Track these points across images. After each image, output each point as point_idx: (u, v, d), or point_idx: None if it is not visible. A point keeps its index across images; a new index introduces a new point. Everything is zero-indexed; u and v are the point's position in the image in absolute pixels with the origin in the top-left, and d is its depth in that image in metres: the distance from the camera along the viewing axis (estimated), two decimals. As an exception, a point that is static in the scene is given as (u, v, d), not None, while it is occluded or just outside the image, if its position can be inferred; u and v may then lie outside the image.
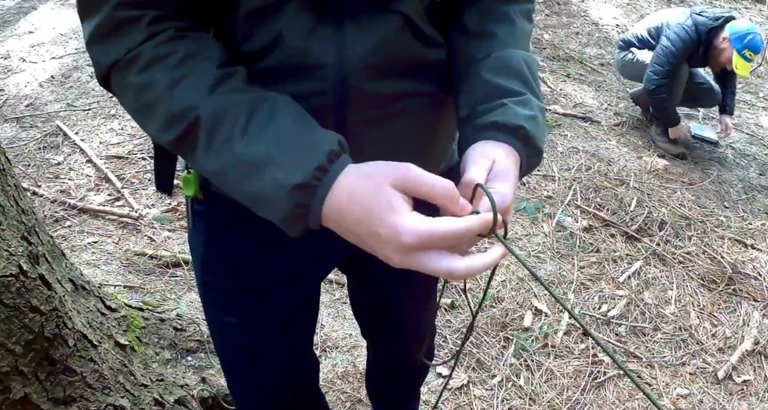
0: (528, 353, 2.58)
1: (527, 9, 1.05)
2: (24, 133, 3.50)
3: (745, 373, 2.74)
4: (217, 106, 0.80)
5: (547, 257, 3.15)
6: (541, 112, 0.93)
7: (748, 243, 3.59)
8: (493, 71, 0.94)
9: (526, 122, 0.89)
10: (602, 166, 3.99)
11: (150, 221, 2.92)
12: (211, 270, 1.18)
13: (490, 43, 0.98)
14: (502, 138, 0.88)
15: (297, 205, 0.77)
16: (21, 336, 1.35)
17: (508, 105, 0.90)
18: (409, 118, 1.01)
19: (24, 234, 1.46)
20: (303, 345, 1.37)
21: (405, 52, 0.94)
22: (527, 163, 0.91)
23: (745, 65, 4.08)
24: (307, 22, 0.87)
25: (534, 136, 0.90)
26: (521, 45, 0.99)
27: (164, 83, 0.81)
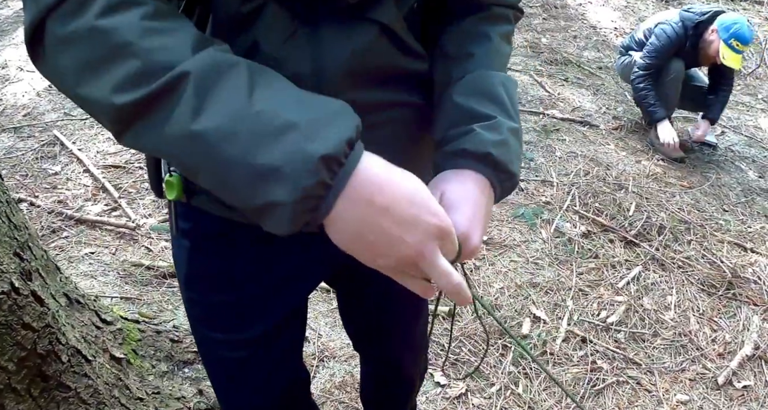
0: (526, 361, 2.57)
1: (506, 31, 1.04)
2: (21, 143, 3.50)
3: (745, 379, 2.73)
4: (208, 62, 0.68)
5: (545, 263, 3.14)
6: (513, 134, 0.92)
7: (748, 247, 3.58)
8: (464, 94, 0.94)
9: (494, 148, 0.88)
10: (601, 170, 3.98)
11: (147, 231, 2.92)
12: (195, 285, 1.16)
13: (465, 65, 0.97)
14: (470, 165, 0.89)
15: (318, 183, 0.67)
16: (13, 354, 1.34)
17: (477, 131, 0.90)
18: (392, 129, 1.00)
19: (16, 250, 1.46)
20: (291, 358, 1.35)
21: (383, 61, 0.93)
22: (500, 187, 0.91)
23: (734, 56, 4.06)
24: (283, 31, 0.85)
25: (503, 161, 0.89)
26: (497, 66, 0.99)
27: (134, 32, 0.68)
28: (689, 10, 4.28)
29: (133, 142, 0.72)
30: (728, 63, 4.07)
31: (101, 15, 0.67)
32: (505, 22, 1.04)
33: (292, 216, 0.68)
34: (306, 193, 0.66)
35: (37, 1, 0.69)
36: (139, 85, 0.67)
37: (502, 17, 1.04)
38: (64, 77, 0.72)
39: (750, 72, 5.91)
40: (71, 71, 0.70)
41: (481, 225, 0.87)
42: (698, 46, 4.22)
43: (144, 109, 0.68)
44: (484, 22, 1.02)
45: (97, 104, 0.70)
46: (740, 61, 4.13)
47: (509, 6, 1.05)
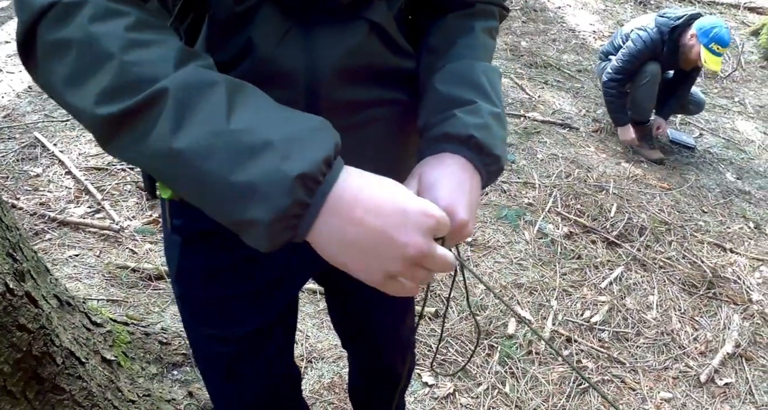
0: (513, 360, 2.59)
1: (490, 26, 1.06)
2: (2, 145, 3.46)
3: (726, 376, 2.78)
4: (190, 77, 0.68)
5: (529, 264, 3.16)
6: (494, 118, 0.93)
7: (727, 247, 3.64)
8: (444, 82, 0.95)
9: (477, 131, 0.89)
10: (582, 172, 4.02)
11: (131, 233, 2.90)
12: (187, 281, 1.16)
13: (448, 55, 0.99)
14: (453, 149, 0.89)
15: (295, 203, 0.67)
16: (9, 355, 1.33)
17: (457, 115, 0.90)
18: (382, 126, 1.02)
19: (9, 250, 1.45)
20: (283, 355, 1.36)
21: (374, 60, 0.95)
22: (486, 171, 0.92)
23: (715, 59, 4.13)
24: (276, 30, 0.86)
25: (487, 144, 0.90)
26: (480, 56, 1.00)
27: (117, 43, 0.68)
28: (664, 14, 4.34)
29: (117, 153, 0.73)
30: (710, 66, 4.14)
31: (88, 23, 0.68)
32: (490, 17, 1.06)
33: (270, 234, 0.68)
34: (283, 212, 0.66)
35: (29, 5, 0.70)
36: (120, 98, 0.67)
37: (487, 13, 1.06)
38: (53, 84, 0.72)
39: (727, 75, 6.00)
40: (59, 78, 0.70)
41: (466, 200, 0.86)
42: (677, 50, 4.28)
43: (125, 122, 0.68)
44: (468, 17, 1.03)
45: (83, 113, 0.70)
46: (720, 63, 4.20)
47: (494, 3, 1.07)
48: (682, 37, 4.23)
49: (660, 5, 7.05)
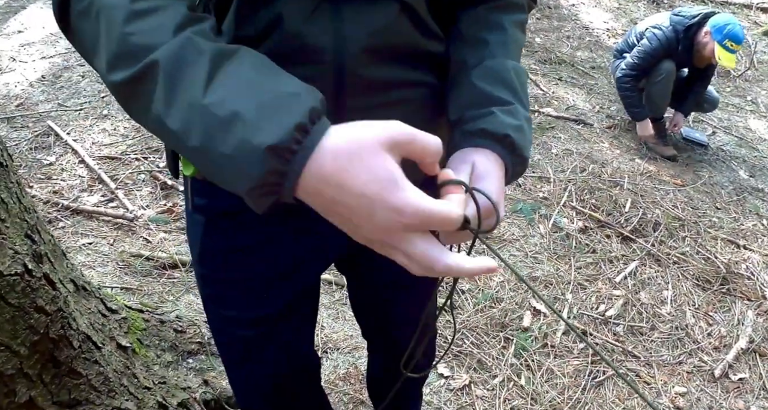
0: (528, 353, 2.57)
1: (520, 19, 1.06)
2: (15, 134, 3.46)
3: (740, 371, 2.76)
4: (179, 49, 0.69)
5: (544, 258, 3.15)
6: (527, 122, 0.94)
7: (741, 244, 3.61)
8: (483, 79, 0.96)
9: (513, 131, 0.90)
10: (596, 167, 4.00)
11: (145, 222, 2.89)
12: (209, 261, 1.16)
13: (481, 51, 0.99)
14: (488, 145, 0.90)
15: (270, 172, 0.65)
16: (26, 338, 1.32)
17: (496, 113, 0.92)
18: (409, 108, 1.01)
19: (27, 232, 1.44)
20: (301, 341, 1.36)
21: (403, 40, 0.95)
22: (513, 170, 0.92)
23: (729, 56, 4.11)
24: (306, 6, 0.86)
25: (519, 145, 0.91)
26: (512, 54, 1.01)
27: (121, 14, 0.70)
28: (679, 13, 4.32)
29: (135, 119, 0.76)
30: (724, 63, 4.11)
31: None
32: (519, 10, 1.06)
33: (253, 201, 0.68)
34: (257, 182, 0.65)
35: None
36: (123, 66, 0.70)
37: (516, 6, 1.06)
38: (82, 50, 0.77)
39: (739, 74, 5.95)
40: (86, 44, 0.76)
41: (503, 203, 0.89)
42: (692, 48, 4.25)
43: (131, 89, 0.71)
44: (499, 11, 1.03)
45: (103, 78, 0.74)
46: (734, 60, 4.17)
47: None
48: (697, 35, 4.21)
49: (673, 4, 7.00)
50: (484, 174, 0.86)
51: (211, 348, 2.11)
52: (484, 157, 0.89)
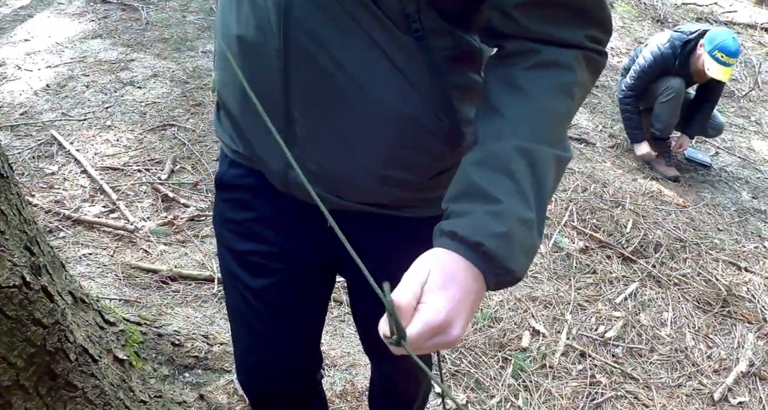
0: (526, 373, 2.56)
1: (561, 82, 0.87)
2: (18, 142, 3.46)
3: (740, 395, 2.74)
4: None
5: (544, 278, 3.14)
6: (521, 224, 0.80)
7: (742, 266, 3.60)
8: (478, 165, 0.84)
9: (490, 240, 0.78)
10: (598, 187, 4.00)
11: (146, 234, 2.89)
12: (217, 224, 1.30)
13: (494, 125, 0.86)
14: (459, 250, 0.78)
15: None
16: (23, 350, 1.32)
17: (475, 214, 0.80)
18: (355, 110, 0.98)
19: (26, 244, 1.43)
20: (308, 329, 1.39)
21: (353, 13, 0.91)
22: (496, 280, 0.80)
23: (720, 69, 4.08)
24: None
25: (498, 255, 0.78)
26: (537, 131, 0.84)
27: None
28: (679, 29, 4.35)
29: None
30: (714, 75, 4.09)
31: None
32: (562, 68, 0.87)
33: None
34: None
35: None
36: None
37: (557, 63, 0.87)
38: None
39: (744, 95, 5.96)
40: None
41: (465, 315, 0.77)
42: (689, 63, 4.26)
43: None
44: (532, 72, 0.87)
45: None
46: (728, 73, 4.14)
47: (573, 45, 0.88)
48: (694, 49, 4.22)
49: (677, 24, 7.03)
50: (439, 284, 0.76)
51: (208, 363, 2.10)
52: (447, 263, 0.78)
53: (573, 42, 0.87)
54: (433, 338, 0.75)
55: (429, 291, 0.76)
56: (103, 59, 4.43)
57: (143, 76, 4.24)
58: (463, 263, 0.78)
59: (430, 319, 0.74)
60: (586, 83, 0.90)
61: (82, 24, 4.92)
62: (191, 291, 2.60)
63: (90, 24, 4.93)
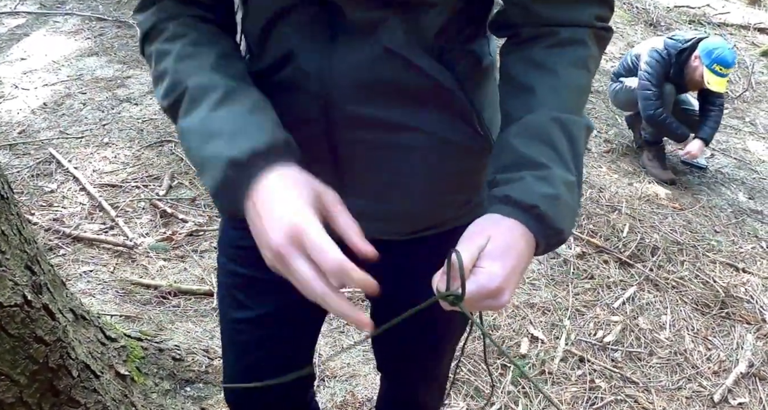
0: (526, 380, 2.57)
1: (578, 57, 0.94)
2: (17, 161, 3.49)
3: (740, 396, 2.75)
4: (205, 80, 0.90)
5: (541, 284, 3.16)
6: (567, 187, 0.85)
7: (740, 267, 3.62)
8: (519, 137, 0.89)
9: (542, 201, 0.82)
10: (594, 192, 4.02)
11: (145, 250, 2.91)
12: (223, 250, 1.26)
13: (528, 101, 0.91)
14: (511, 214, 0.83)
15: (227, 178, 0.82)
16: (26, 367, 1.34)
17: (526, 179, 0.84)
18: (405, 153, 1.01)
19: (27, 263, 1.46)
20: (301, 345, 1.36)
21: (389, 79, 0.94)
22: (545, 243, 0.85)
23: (718, 80, 4.13)
24: (300, 38, 0.95)
25: (551, 216, 0.83)
26: (565, 103, 0.90)
27: (175, 54, 0.93)
28: (673, 37, 4.37)
29: None
30: (713, 87, 4.15)
31: (164, 41, 0.95)
32: (578, 45, 0.94)
33: (219, 199, 0.86)
34: (219, 182, 0.83)
35: (140, 26, 1.00)
36: (169, 95, 0.92)
37: (574, 41, 0.94)
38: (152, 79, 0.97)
39: (738, 96, 6.00)
40: (153, 77, 0.97)
41: (516, 282, 0.82)
42: (684, 72, 4.30)
43: (173, 109, 0.93)
44: (552, 51, 0.93)
45: (159, 101, 0.95)
46: (725, 84, 4.20)
47: (583, 25, 0.95)
48: (689, 59, 4.26)
49: (670, 27, 7.07)
50: (497, 253, 0.80)
51: (209, 377, 2.11)
52: (506, 231, 0.82)
53: (584, 22, 0.94)
54: (484, 301, 0.80)
55: (487, 257, 0.80)
56: (99, 76, 4.46)
57: (140, 93, 4.28)
58: (520, 231, 0.82)
59: (486, 285, 0.78)
60: (597, 57, 0.97)
61: (78, 42, 4.96)
62: (191, 306, 2.62)
63: (86, 42, 4.97)
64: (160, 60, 0.95)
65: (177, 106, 0.91)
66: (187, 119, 0.89)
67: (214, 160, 0.83)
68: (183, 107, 0.90)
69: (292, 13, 0.93)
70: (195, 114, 0.88)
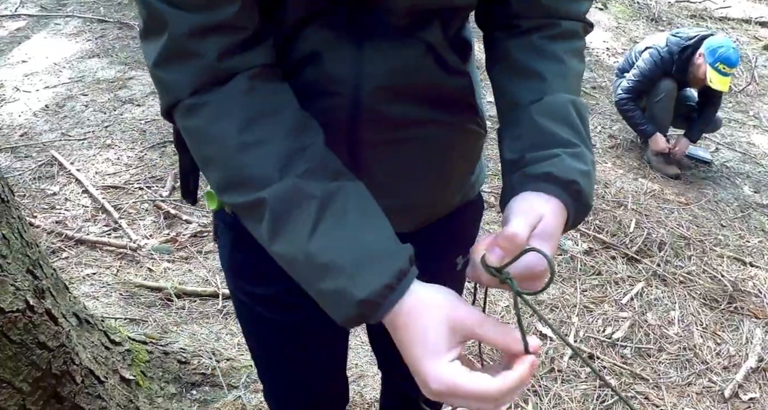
0: (535, 378, 2.55)
1: (578, 47, 1.00)
2: (19, 163, 3.47)
3: (751, 391, 2.73)
4: (286, 193, 0.79)
5: (549, 280, 3.13)
6: (593, 167, 0.90)
7: (747, 261, 3.60)
8: (545, 117, 0.90)
9: (580, 177, 0.85)
10: (599, 188, 4.00)
11: (149, 252, 2.89)
12: (239, 274, 1.21)
13: (539, 85, 0.94)
14: (553, 191, 0.85)
15: (360, 315, 0.77)
16: (28, 374, 1.32)
17: (562, 156, 0.86)
18: (424, 145, 1.02)
19: (29, 267, 1.44)
20: (333, 361, 1.38)
21: (425, 79, 0.95)
22: (574, 218, 0.88)
23: (722, 79, 4.12)
24: (329, 42, 0.89)
25: (586, 193, 0.86)
26: (572, 88, 0.95)
27: (232, 143, 0.80)
28: (677, 34, 4.35)
29: None
30: (716, 86, 4.14)
31: (209, 121, 0.81)
32: (576, 37, 1.00)
33: (346, 324, 0.80)
34: (348, 319, 0.78)
35: (164, 96, 0.83)
36: (234, 191, 0.82)
37: (572, 33, 1.00)
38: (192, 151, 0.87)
39: (741, 89, 5.97)
40: (193, 152, 0.87)
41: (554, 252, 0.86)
42: (687, 69, 4.28)
43: (243, 212, 0.83)
44: (556, 41, 0.98)
45: (215, 191, 0.86)
46: (728, 83, 4.19)
47: (578, 20, 1.01)
48: (692, 56, 4.25)
49: (672, 22, 7.04)
50: (547, 235, 0.82)
51: (215, 379, 2.10)
52: (556, 211, 0.84)
53: (578, 16, 1.00)
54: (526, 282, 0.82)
55: (537, 237, 0.81)
56: (101, 78, 4.45)
57: (141, 94, 4.26)
58: (562, 211, 0.85)
59: (534, 268, 0.80)
60: (584, 47, 1.04)
61: (79, 44, 4.95)
62: (196, 308, 2.60)
63: (87, 43, 4.95)
64: (206, 142, 0.83)
65: (250, 211, 0.81)
66: (279, 244, 0.80)
67: (341, 298, 0.77)
68: (266, 225, 0.80)
69: (325, 16, 0.89)
70: (289, 239, 0.79)
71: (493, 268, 0.79)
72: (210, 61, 0.79)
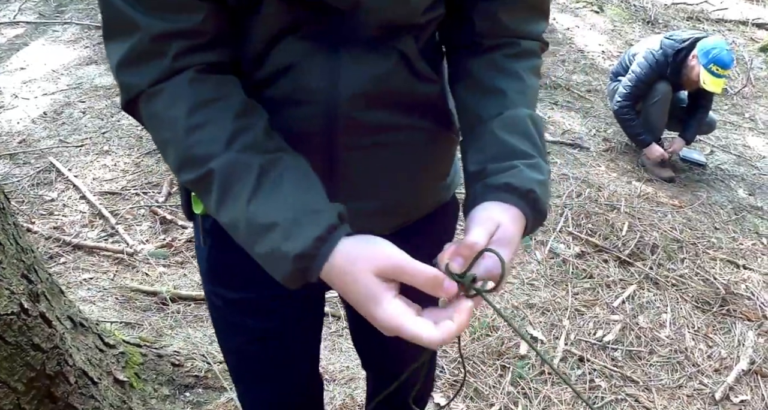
0: (525, 381, 2.58)
1: (535, 65, 1.06)
2: (17, 170, 3.51)
3: (742, 393, 2.75)
4: (230, 163, 0.85)
5: (541, 284, 3.16)
6: (549, 176, 0.96)
7: (740, 264, 3.62)
8: (505, 131, 0.96)
9: (537, 186, 0.91)
10: (592, 191, 4.02)
11: (145, 257, 2.93)
12: (216, 278, 1.23)
13: (501, 101, 1.00)
14: (511, 200, 0.90)
15: (297, 270, 0.83)
16: (23, 374, 1.35)
17: (521, 167, 0.92)
18: (400, 150, 1.06)
19: (24, 272, 1.47)
20: (307, 358, 1.40)
21: (399, 87, 0.99)
22: (531, 225, 0.93)
23: (715, 81, 4.13)
24: (303, 52, 0.93)
25: (542, 200, 0.92)
26: (530, 103, 1.02)
27: (182, 125, 0.86)
28: (671, 37, 4.37)
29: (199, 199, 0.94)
30: (709, 88, 4.15)
31: (165, 108, 0.87)
32: (534, 56, 1.07)
33: (287, 285, 0.86)
34: (287, 276, 0.84)
35: (130, 82, 0.88)
36: (186, 169, 0.88)
37: (531, 52, 1.06)
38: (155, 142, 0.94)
39: (737, 91, 5.99)
40: (153, 140, 0.93)
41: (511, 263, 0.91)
42: (681, 72, 4.30)
43: (196, 187, 0.90)
44: (515, 59, 1.04)
45: (173, 171, 0.92)
46: (721, 85, 4.20)
47: (537, 39, 1.07)
48: (686, 58, 4.26)
49: (668, 25, 7.07)
50: (507, 239, 0.88)
51: (208, 382, 2.13)
52: (514, 219, 0.90)
53: (536, 36, 1.07)
54: None
55: (496, 243, 0.86)
56: (98, 85, 4.48)
57: (139, 100, 4.29)
58: (521, 219, 0.91)
59: (492, 270, 0.85)
60: (541, 65, 1.11)
61: (77, 51, 4.99)
62: (190, 312, 2.63)
63: (85, 50, 4.99)
64: (161, 126, 0.90)
65: (200, 184, 0.88)
66: (224, 211, 0.87)
67: (278, 256, 0.83)
68: (214, 196, 0.86)
69: (299, 29, 0.93)
70: (231, 206, 0.86)
71: (456, 275, 0.83)
72: (168, 60, 0.86)
